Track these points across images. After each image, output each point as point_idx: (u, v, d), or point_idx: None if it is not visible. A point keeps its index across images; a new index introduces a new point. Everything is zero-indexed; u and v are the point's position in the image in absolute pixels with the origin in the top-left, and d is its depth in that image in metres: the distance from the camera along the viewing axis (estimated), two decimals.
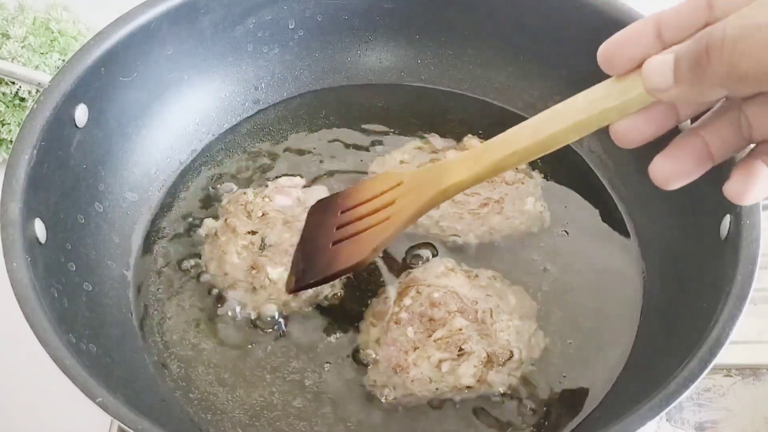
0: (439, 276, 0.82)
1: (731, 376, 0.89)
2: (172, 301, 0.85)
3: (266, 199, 0.86)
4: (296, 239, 0.83)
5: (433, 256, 0.86)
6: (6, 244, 0.71)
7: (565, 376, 0.79)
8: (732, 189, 0.55)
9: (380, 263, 0.86)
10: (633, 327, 0.83)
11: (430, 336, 0.77)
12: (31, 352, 0.66)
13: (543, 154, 0.63)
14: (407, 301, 0.79)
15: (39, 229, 0.75)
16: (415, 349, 0.77)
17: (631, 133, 0.56)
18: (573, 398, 0.78)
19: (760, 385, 0.89)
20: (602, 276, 0.86)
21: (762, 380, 0.89)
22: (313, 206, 0.82)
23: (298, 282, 0.78)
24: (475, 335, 0.77)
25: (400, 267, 0.86)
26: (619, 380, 0.79)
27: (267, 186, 0.89)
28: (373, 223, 0.74)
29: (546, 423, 0.77)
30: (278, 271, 0.81)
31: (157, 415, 0.74)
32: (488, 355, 0.76)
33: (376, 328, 0.80)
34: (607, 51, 0.56)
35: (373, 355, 0.79)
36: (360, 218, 0.76)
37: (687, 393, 0.64)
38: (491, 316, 0.78)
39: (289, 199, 0.87)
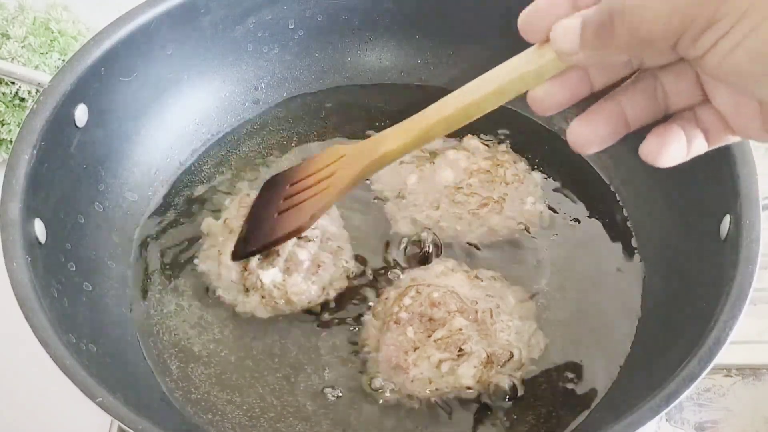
0: (439, 276, 0.82)
1: (731, 376, 0.89)
2: (172, 301, 0.85)
3: None
4: (293, 241, 0.83)
5: (434, 256, 0.86)
6: (6, 244, 0.71)
7: (565, 376, 0.79)
8: (647, 149, 0.56)
9: (381, 264, 0.86)
10: (633, 327, 0.83)
11: (430, 336, 0.77)
12: (31, 352, 0.66)
13: (469, 121, 0.66)
14: (407, 300, 0.79)
15: (39, 229, 0.75)
16: (415, 349, 0.77)
17: (546, 99, 0.58)
18: (573, 398, 0.78)
19: (760, 385, 0.89)
20: (602, 276, 0.86)
21: (762, 380, 0.89)
22: (266, 182, 0.85)
23: (241, 250, 0.82)
24: (475, 335, 0.77)
25: (401, 267, 0.86)
26: (619, 380, 0.79)
27: None
28: (314, 193, 0.78)
29: (546, 423, 0.77)
30: (270, 274, 0.81)
31: (157, 415, 0.74)
32: (488, 356, 0.76)
33: (376, 329, 0.80)
34: (525, 19, 0.57)
35: (373, 356, 0.79)
36: (305, 189, 0.79)
37: (687, 393, 0.64)
38: (491, 316, 0.78)
39: None
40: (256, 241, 0.80)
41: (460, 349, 0.76)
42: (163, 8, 0.88)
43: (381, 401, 0.77)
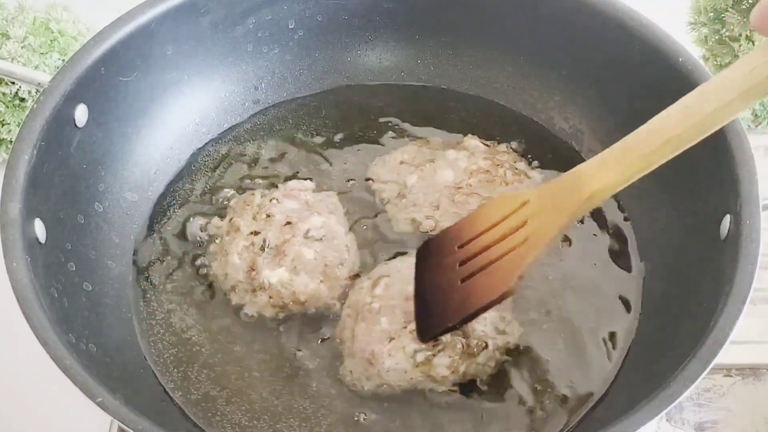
0: (412, 266, 0.81)
1: (731, 376, 0.89)
2: (172, 301, 0.85)
3: (273, 201, 0.86)
4: (299, 241, 0.83)
5: None
6: (6, 244, 0.71)
7: (564, 377, 0.79)
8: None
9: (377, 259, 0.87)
10: (633, 327, 0.83)
11: (405, 327, 0.77)
12: (31, 352, 0.66)
13: (699, 139, 0.59)
14: (378, 291, 0.79)
15: (39, 229, 0.75)
16: (390, 339, 0.76)
17: None
18: (573, 398, 0.78)
19: (760, 385, 0.89)
20: (602, 276, 0.86)
21: (762, 380, 0.89)
22: (419, 249, 0.79)
23: (434, 328, 0.75)
24: None
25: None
26: (619, 380, 0.79)
27: (277, 188, 0.89)
28: (508, 249, 0.69)
29: (546, 423, 0.77)
30: (277, 273, 0.81)
31: (157, 415, 0.74)
32: (463, 346, 0.76)
33: (351, 318, 0.80)
34: (763, 13, 0.54)
35: (348, 345, 0.79)
36: (487, 248, 0.71)
37: (687, 393, 0.64)
38: None
39: (297, 203, 0.87)
40: (451, 316, 0.73)
41: (436, 340, 0.76)
42: (163, 8, 0.88)
43: (359, 393, 0.77)
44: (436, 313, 0.74)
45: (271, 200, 0.86)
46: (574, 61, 0.95)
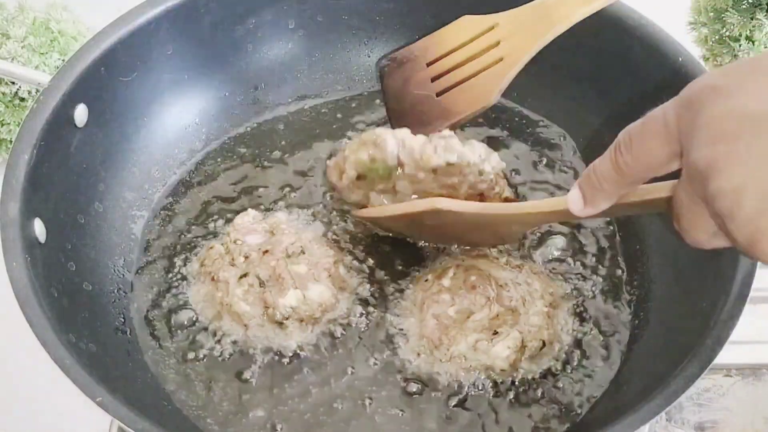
0: (476, 258, 0.83)
1: (731, 376, 0.89)
2: (172, 301, 0.85)
3: (238, 242, 0.83)
4: (285, 262, 0.80)
5: None
6: (6, 244, 0.71)
7: (564, 376, 0.79)
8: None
9: (393, 265, 0.87)
10: (633, 327, 0.83)
11: (468, 317, 0.78)
12: (31, 352, 0.66)
13: None
14: (445, 282, 0.80)
15: (39, 229, 0.75)
16: (453, 327, 0.77)
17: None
18: (572, 398, 0.78)
19: (760, 385, 0.89)
20: (601, 276, 0.86)
21: (762, 380, 0.89)
22: (387, 66, 0.85)
23: (426, 127, 0.80)
24: (510, 319, 0.78)
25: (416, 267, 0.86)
26: (619, 380, 0.79)
27: (228, 234, 0.84)
28: (483, 67, 0.77)
29: (545, 423, 0.77)
30: (290, 296, 0.79)
31: (157, 415, 0.74)
32: (522, 342, 0.77)
33: (417, 307, 0.81)
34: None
35: (412, 332, 0.80)
36: (459, 66, 0.78)
37: (687, 393, 0.64)
38: (524, 304, 0.79)
39: (258, 235, 0.84)
40: (435, 124, 0.80)
41: (495, 332, 0.77)
42: (163, 8, 0.88)
43: (403, 385, 0.78)
44: (416, 122, 0.81)
45: (235, 242, 0.83)
46: (574, 61, 0.95)
